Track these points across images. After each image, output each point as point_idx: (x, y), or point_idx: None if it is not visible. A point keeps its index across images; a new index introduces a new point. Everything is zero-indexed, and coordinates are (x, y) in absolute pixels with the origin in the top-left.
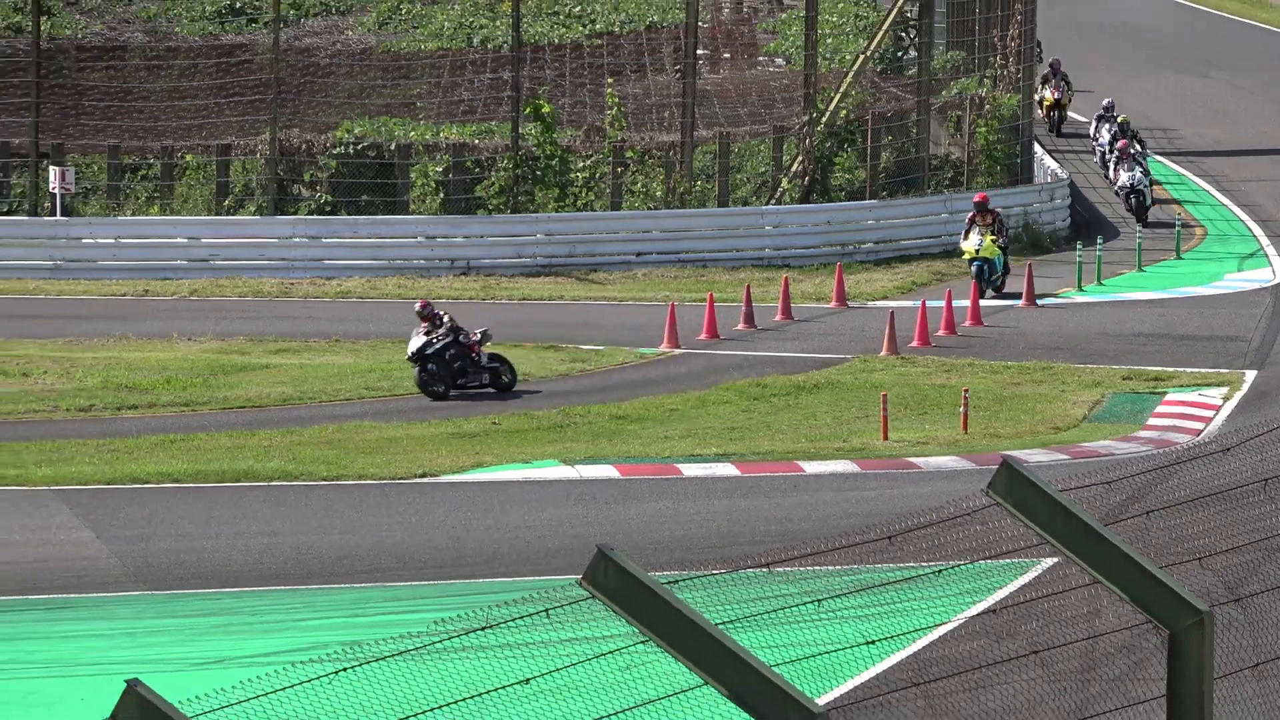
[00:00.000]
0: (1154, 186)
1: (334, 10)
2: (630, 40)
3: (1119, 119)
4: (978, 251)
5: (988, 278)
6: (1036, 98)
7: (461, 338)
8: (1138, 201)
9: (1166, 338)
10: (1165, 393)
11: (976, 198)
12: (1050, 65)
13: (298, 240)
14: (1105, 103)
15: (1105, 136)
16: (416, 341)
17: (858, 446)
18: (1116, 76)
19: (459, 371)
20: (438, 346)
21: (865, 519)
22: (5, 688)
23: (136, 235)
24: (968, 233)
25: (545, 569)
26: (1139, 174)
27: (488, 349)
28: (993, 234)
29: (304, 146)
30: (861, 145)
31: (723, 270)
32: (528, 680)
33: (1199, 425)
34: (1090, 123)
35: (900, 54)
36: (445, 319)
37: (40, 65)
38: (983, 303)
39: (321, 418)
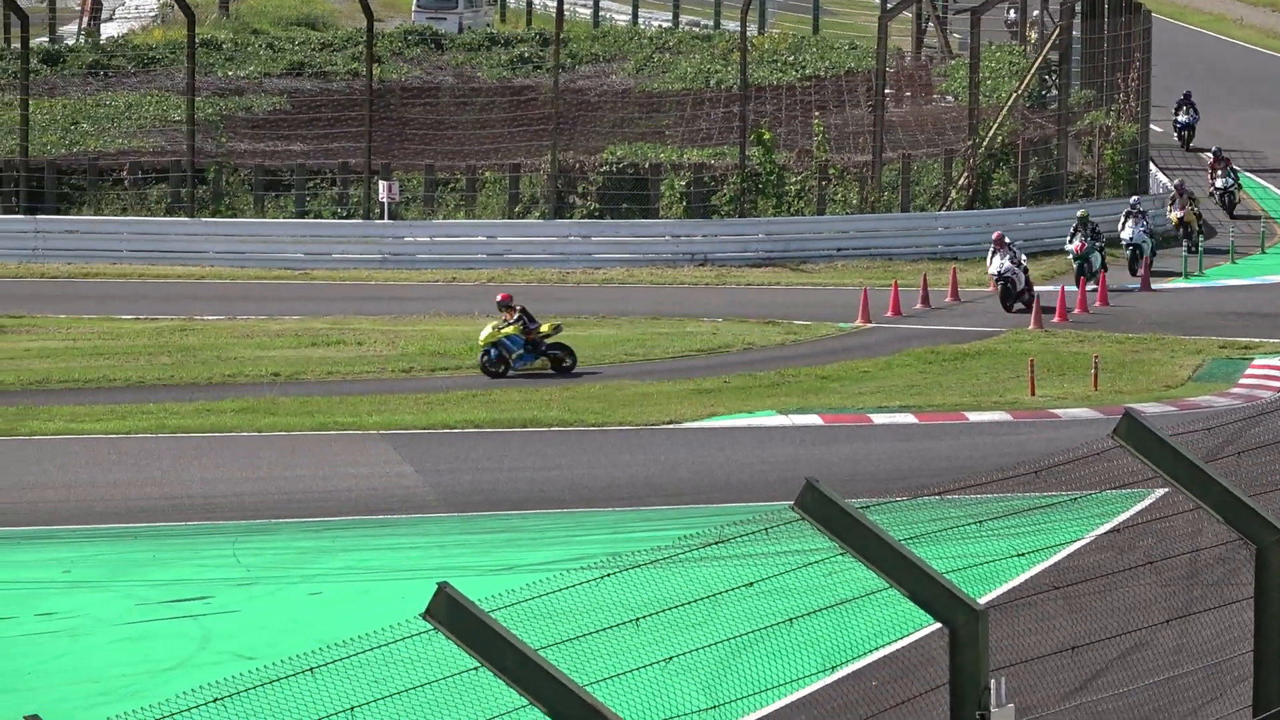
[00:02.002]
0: (1241, 193)
1: (601, 59)
2: (832, 82)
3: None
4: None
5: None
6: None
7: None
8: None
9: (1254, 315)
10: (1253, 358)
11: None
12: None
13: (572, 239)
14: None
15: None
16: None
17: (1010, 400)
18: (1216, 108)
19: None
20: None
21: (1016, 457)
22: (344, 589)
23: (447, 235)
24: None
25: (764, 496)
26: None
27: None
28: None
29: (577, 165)
30: (1013, 164)
31: (904, 262)
32: (751, 583)
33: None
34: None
35: (1044, 92)
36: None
37: (372, 102)
38: (1110, 287)
39: (591, 377)
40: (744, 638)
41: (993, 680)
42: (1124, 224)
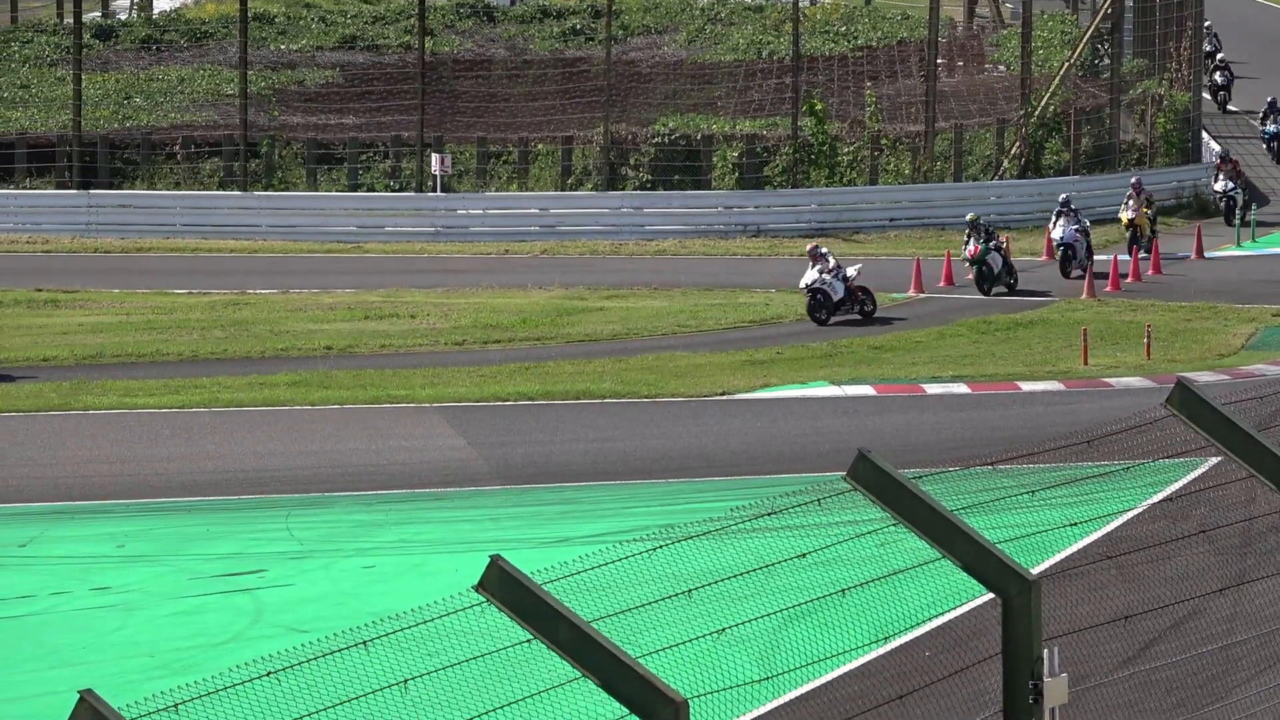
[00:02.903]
0: None
1: (653, 30)
2: (884, 52)
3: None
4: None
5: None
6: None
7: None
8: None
9: None
10: None
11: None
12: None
13: (625, 210)
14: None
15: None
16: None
17: (1063, 369)
18: (1276, 76)
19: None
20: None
21: (1069, 426)
22: (398, 560)
23: (499, 207)
24: (1056, 220)
25: (817, 467)
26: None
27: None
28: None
29: (630, 137)
30: (1066, 133)
31: (957, 232)
32: (804, 554)
33: None
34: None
35: (1096, 61)
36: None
37: (425, 75)
38: (1162, 256)
39: (643, 349)
40: (796, 609)
41: (1045, 650)
42: (1054, 222)
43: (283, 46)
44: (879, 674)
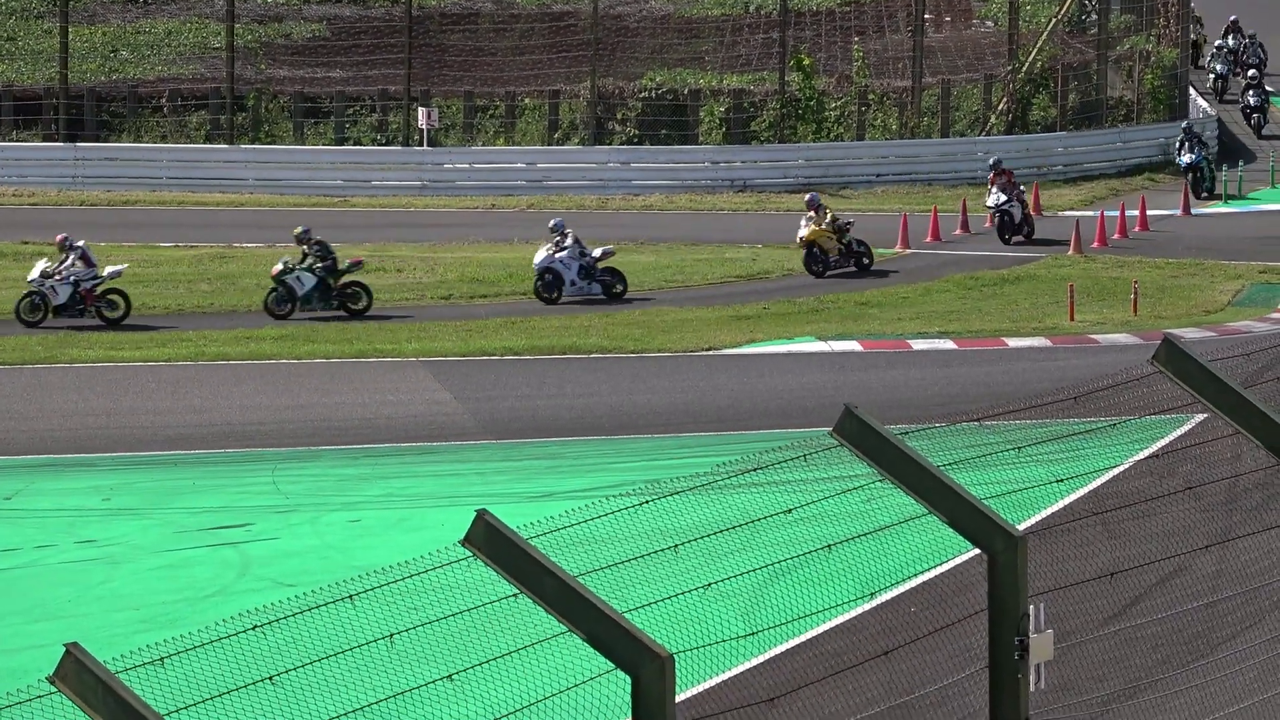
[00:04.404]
0: (1274, 109)
1: None
2: (872, 7)
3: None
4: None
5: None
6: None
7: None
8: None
9: None
10: None
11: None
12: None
13: (612, 165)
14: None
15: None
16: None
17: (1050, 325)
18: (1265, 32)
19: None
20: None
21: (1055, 383)
22: (383, 515)
23: (486, 161)
24: (990, 188)
25: (803, 422)
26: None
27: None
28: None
29: (617, 92)
30: (1053, 89)
31: (943, 188)
32: (790, 510)
33: None
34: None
35: (1084, 16)
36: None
37: (411, 29)
38: (1150, 212)
39: (629, 304)
40: (782, 564)
41: (1031, 606)
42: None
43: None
44: (864, 630)
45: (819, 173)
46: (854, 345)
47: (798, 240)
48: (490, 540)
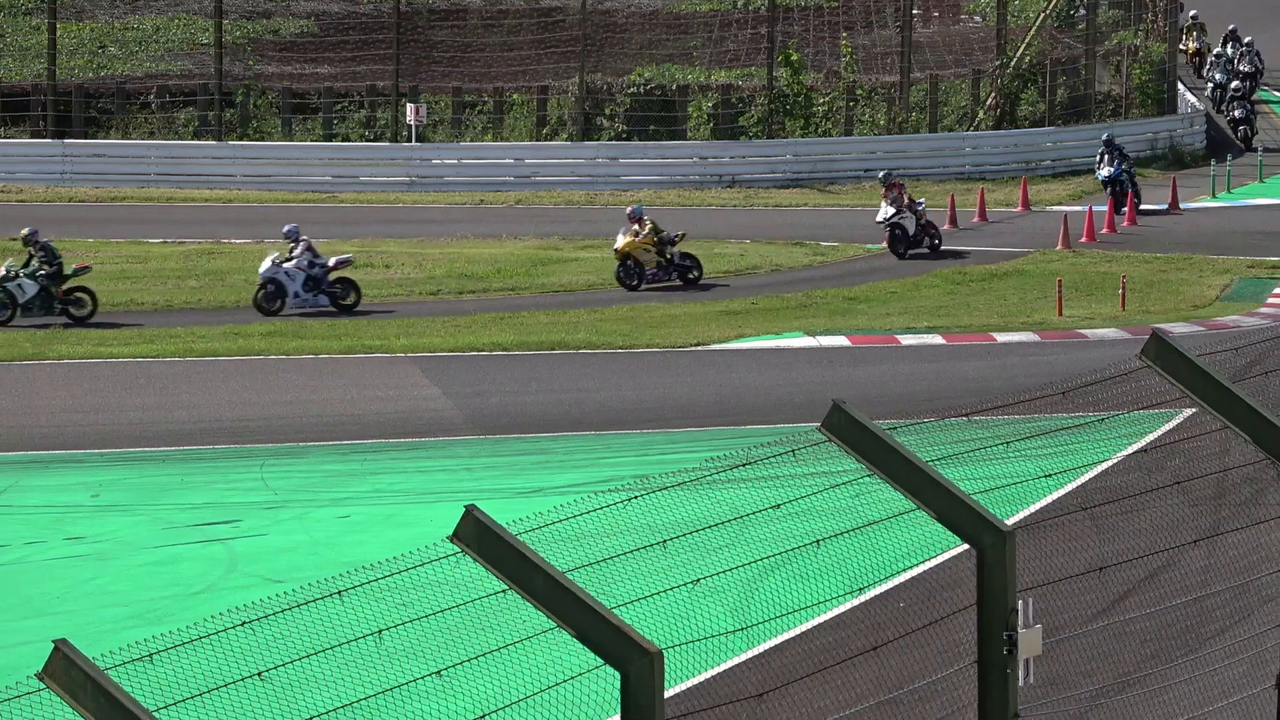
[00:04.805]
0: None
1: None
2: (860, 2)
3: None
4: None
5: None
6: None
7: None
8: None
9: None
10: None
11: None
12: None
13: (600, 161)
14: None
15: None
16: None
17: (1038, 321)
18: (1252, 29)
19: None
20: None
21: (1044, 378)
22: (373, 510)
23: (474, 157)
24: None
25: (792, 418)
26: (1246, 111)
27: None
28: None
29: (605, 87)
30: (1041, 84)
31: (932, 183)
32: (778, 505)
33: None
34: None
35: (1072, 11)
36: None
37: (400, 25)
38: (1140, 206)
39: (618, 300)
40: (771, 560)
41: (1020, 601)
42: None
43: None
44: (853, 625)
45: (807, 168)
46: (842, 340)
47: (613, 251)
48: (479, 536)
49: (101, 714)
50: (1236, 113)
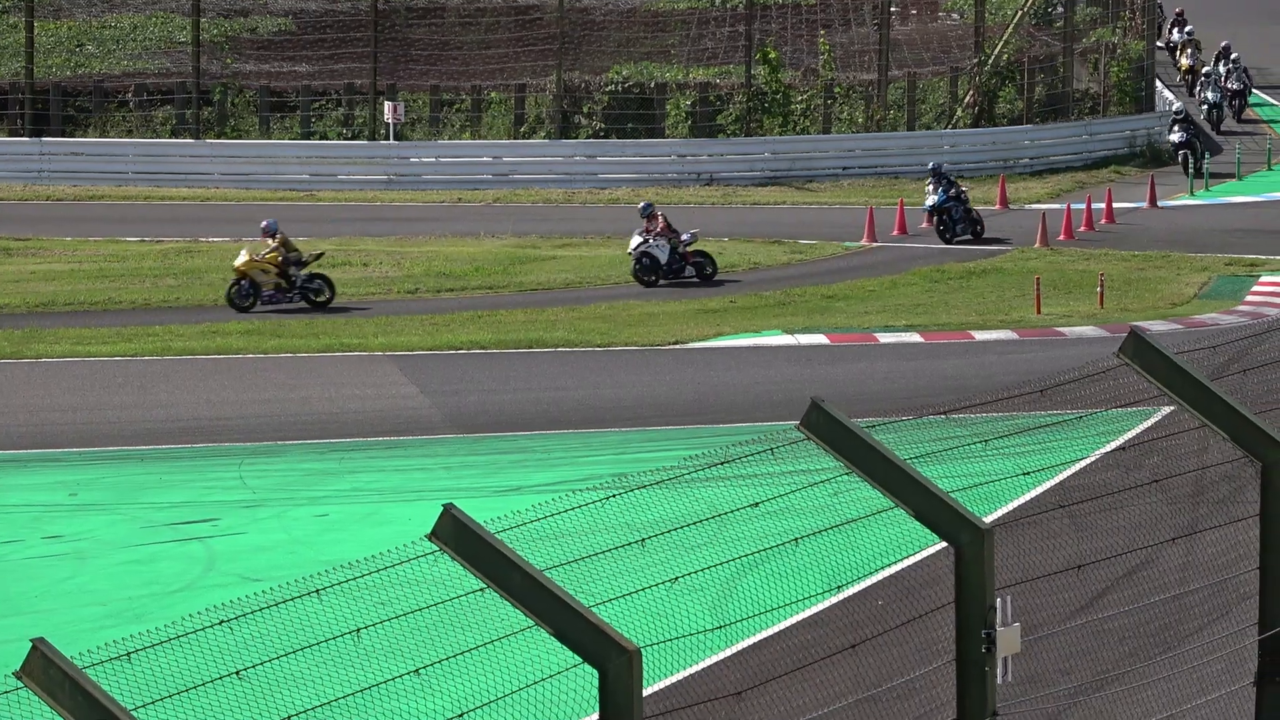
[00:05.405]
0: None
1: None
2: (838, 0)
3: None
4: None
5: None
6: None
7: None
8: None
9: (1260, 232)
10: (1259, 275)
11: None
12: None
13: (578, 159)
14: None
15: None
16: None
17: (1016, 318)
18: (1225, 23)
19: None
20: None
21: (1022, 375)
22: (351, 509)
23: (452, 155)
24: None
25: (770, 416)
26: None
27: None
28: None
29: (583, 85)
30: (1019, 82)
31: (910, 180)
32: (757, 504)
33: None
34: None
35: (1050, 9)
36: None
37: (377, 23)
38: (1116, 205)
39: (596, 298)
40: (750, 558)
41: (998, 599)
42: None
43: None
44: (831, 623)
45: (785, 166)
46: (821, 339)
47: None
48: (457, 535)
49: (79, 712)
50: (1174, 136)
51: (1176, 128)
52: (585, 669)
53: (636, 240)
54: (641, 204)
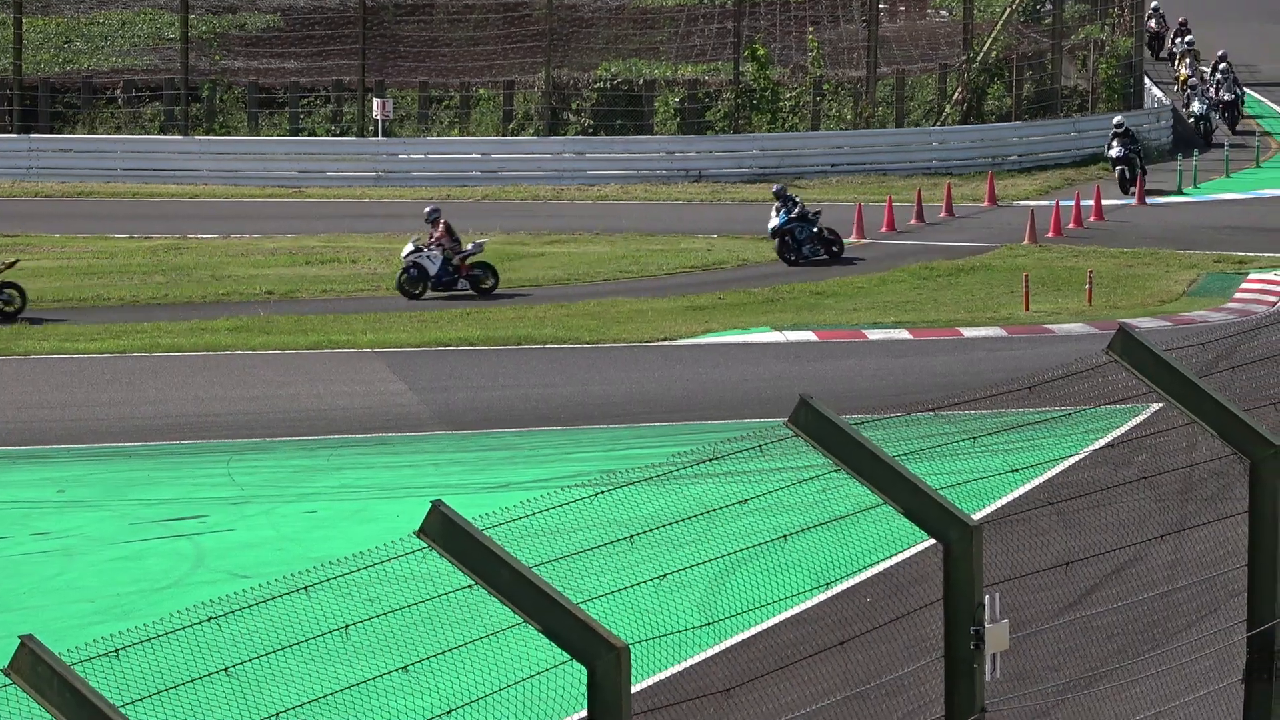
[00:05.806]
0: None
1: None
2: None
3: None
4: (775, 230)
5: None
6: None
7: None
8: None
9: (1249, 229)
10: (1248, 273)
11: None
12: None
13: (566, 155)
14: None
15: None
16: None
17: (1005, 315)
18: (1212, 21)
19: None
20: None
21: (1010, 373)
22: (339, 506)
23: (441, 152)
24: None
25: (759, 413)
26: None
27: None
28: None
29: (571, 82)
30: (1008, 78)
31: (898, 177)
32: (745, 501)
33: (1275, 299)
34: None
35: (1038, 6)
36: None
37: (366, 19)
38: (1104, 201)
39: (585, 295)
40: (738, 555)
41: (987, 596)
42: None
43: None
44: (820, 620)
45: (774, 163)
46: (809, 335)
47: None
48: (446, 531)
49: (67, 709)
50: (1112, 152)
51: (1116, 142)
52: (574, 666)
53: (409, 248)
54: (427, 209)
